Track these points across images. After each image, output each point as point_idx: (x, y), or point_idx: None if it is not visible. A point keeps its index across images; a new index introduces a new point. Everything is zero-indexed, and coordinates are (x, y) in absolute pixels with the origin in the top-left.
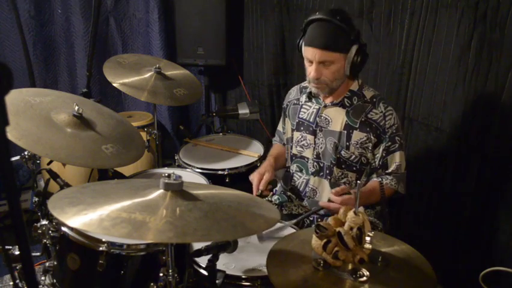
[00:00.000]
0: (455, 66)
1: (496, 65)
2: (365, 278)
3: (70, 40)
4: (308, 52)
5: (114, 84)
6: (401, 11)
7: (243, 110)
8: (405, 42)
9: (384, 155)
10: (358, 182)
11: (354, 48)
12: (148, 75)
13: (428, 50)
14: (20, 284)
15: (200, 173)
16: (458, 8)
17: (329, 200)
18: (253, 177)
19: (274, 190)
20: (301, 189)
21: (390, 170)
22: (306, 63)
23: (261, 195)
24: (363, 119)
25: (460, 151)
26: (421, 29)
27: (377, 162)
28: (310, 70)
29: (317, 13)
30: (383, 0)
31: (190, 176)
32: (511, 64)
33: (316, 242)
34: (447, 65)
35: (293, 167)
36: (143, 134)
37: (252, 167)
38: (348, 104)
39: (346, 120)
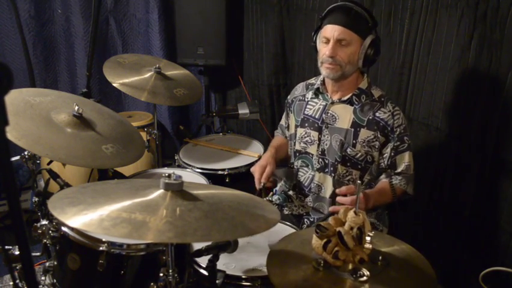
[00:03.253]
0: (455, 66)
1: (496, 65)
2: (365, 278)
3: (70, 40)
4: (327, 30)
5: (114, 84)
6: (401, 11)
7: (243, 110)
8: (405, 42)
9: (392, 154)
10: (358, 182)
11: (370, 38)
12: (148, 75)
13: (428, 50)
14: (20, 284)
15: (200, 173)
16: (458, 8)
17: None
18: (255, 170)
19: (274, 190)
20: (306, 184)
21: (399, 170)
22: (322, 46)
23: (264, 188)
24: (370, 117)
25: (460, 151)
26: (421, 29)
27: (385, 162)
28: (325, 50)
29: (339, 1)
30: (383, 0)
31: (190, 176)
32: (511, 64)
33: (316, 241)
34: (447, 65)
35: (298, 163)
36: (143, 134)
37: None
38: (356, 102)
39: (353, 118)
